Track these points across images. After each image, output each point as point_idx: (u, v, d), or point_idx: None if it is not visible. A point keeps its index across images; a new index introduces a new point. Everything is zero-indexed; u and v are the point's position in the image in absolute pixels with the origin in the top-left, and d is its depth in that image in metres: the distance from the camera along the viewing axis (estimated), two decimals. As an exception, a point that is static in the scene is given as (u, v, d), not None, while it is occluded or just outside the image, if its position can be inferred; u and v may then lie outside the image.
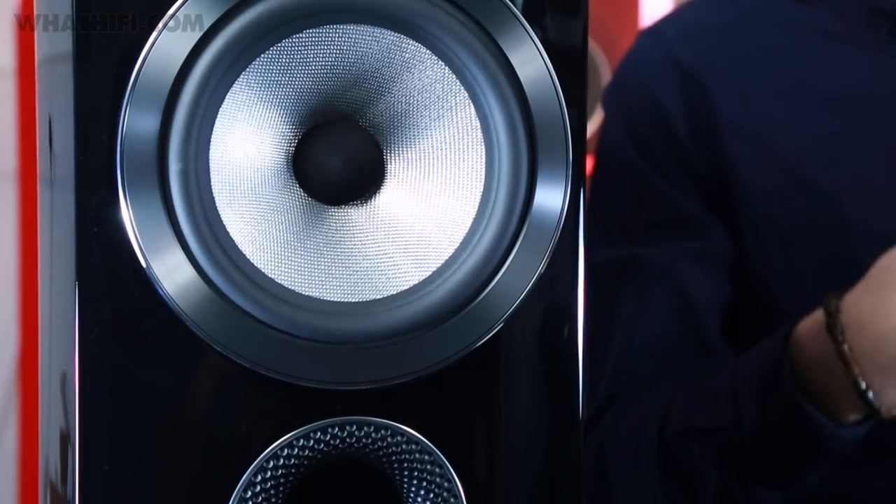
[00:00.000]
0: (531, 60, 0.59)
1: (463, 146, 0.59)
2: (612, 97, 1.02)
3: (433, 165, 0.59)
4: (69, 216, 0.57)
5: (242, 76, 0.56)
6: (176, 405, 0.58)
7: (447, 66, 0.58)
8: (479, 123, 0.59)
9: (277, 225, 0.58)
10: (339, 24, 0.57)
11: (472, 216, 0.59)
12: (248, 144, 0.57)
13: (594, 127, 1.99)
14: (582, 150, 0.61)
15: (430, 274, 0.59)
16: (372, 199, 0.59)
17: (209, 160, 0.56)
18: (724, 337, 0.98)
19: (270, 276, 0.57)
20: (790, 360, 0.85)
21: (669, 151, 0.97)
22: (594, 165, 1.01)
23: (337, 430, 0.59)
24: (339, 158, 0.59)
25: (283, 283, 0.57)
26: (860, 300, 0.82)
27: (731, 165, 0.96)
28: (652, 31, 1.03)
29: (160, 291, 0.56)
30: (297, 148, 0.58)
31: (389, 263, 0.59)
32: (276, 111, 0.57)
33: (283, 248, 0.57)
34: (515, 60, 0.59)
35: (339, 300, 0.58)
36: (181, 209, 0.56)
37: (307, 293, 0.57)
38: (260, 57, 0.56)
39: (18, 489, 2.10)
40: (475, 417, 0.61)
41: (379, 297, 0.58)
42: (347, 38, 0.57)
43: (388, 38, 0.58)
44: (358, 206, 0.59)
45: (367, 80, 0.58)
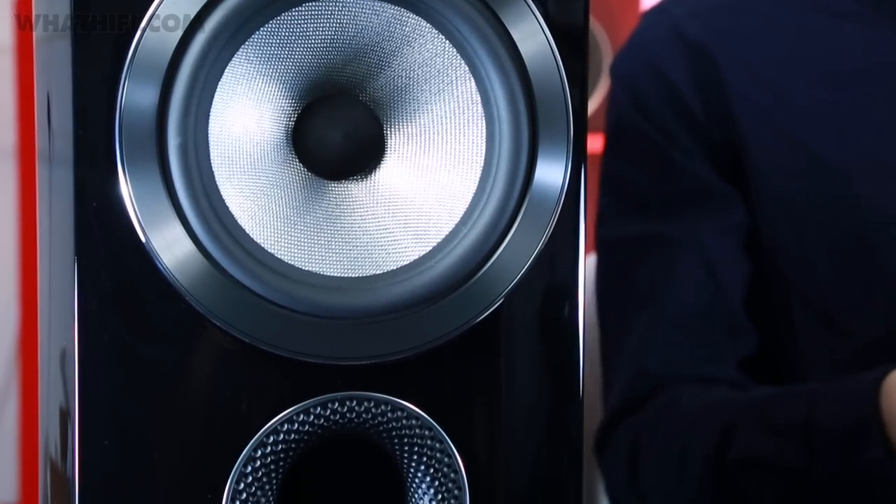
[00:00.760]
0: (533, 35, 0.59)
1: (463, 121, 0.59)
2: (620, 75, 1.01)
3: (433, 140, 0.59)
4: (68, 191, 0.57)
5: (241, 50, 0.56)
6: (175, 380, 0.58)
7: (448, 39, 0.58)
8: (479, 98, 0.58)
9: (277, 200, 0.57)
10: (338, -3, 0.57)
11: (472, 191, 0.59)
12: (247, 118, 0.57)
13: (594, 105, 1.99)
14: (583, 126, 0.61)
15: (430, 249, 0.58)
16: (372, 173, 0.59)
17: (208, 134, 0.56)
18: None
19: (270, 250, 0.57)
20: (881, 413, 0.82)
21: (683, 125, 0.97)
22: (605, 144, 1.01)
23: (337, 405, 0.59)
24: (338, 133, 0.58)
25: (282, 257, 0.57)
26: None
27: (741, 139, 0.95)
28: (658, 8, 1.02)
29: (159, 266, 0.56)
30: (296, 122, 0.58)
31: (389, 238, 0.58)
32: (275, 85, 0.57)
33: (282, 222, 0.57)
34: (517, 35, 0.59)
35: (339, 275, 0.57)
36: (180, 183, 0.55)
37: (307, 268, 0.57)
38: (259, 30, 0.56)
39: (19, 466, 2.10)
40: (475, 393, 0.61)
41: (379, 272, 0.58)
42: (347, 11, 0.57)
43: (388, 11, 0.57)
44: (358, 180, 0.59)
45: (367, 53, 0.58)
